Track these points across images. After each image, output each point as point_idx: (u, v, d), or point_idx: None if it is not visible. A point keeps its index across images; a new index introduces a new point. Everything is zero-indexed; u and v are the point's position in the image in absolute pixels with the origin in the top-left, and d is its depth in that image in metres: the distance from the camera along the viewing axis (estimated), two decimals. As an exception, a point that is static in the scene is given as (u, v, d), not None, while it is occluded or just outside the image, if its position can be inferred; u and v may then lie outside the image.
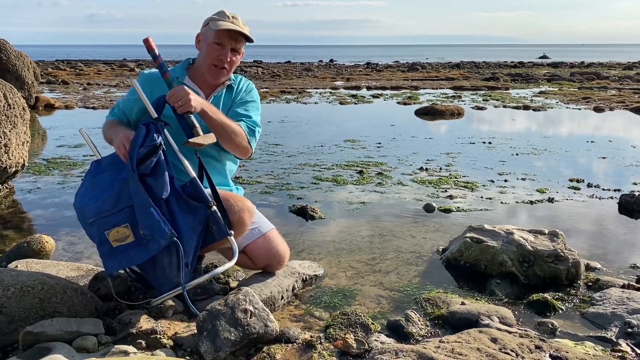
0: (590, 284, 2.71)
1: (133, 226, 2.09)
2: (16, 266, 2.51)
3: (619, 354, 2.01)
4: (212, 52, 2.39)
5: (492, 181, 4.92)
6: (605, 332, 2.22)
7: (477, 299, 2.53)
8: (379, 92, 15.31)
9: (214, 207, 2.17)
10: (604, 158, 6.05)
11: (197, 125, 2.24)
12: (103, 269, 2.31)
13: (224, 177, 2.57)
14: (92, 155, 2.50)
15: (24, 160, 4.37)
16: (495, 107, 11.55)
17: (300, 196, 4.38)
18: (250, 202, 2.38)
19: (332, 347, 2.06)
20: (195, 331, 2.01)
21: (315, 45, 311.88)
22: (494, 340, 1.94)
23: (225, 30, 2.36)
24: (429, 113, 10.00)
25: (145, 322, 2.09)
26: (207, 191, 2.25)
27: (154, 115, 2.24)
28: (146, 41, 2.32)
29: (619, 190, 4.57)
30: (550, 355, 1.86)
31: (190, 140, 2.21)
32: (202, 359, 1.94)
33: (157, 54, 2.33)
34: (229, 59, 2.41)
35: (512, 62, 40.83)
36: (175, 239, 2.06)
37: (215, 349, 1.93)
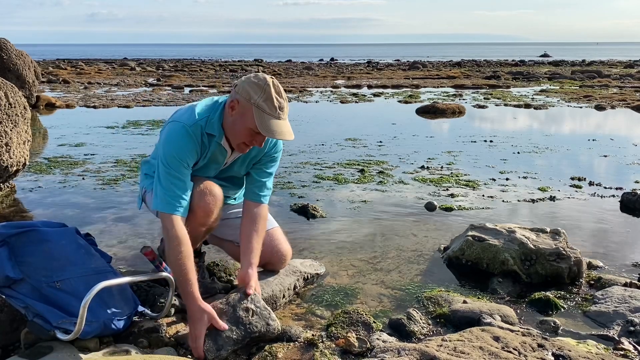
0: (592, 282, 2.71)
1: None
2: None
3: (622, 353, 2.01)
4: (248, 136, 2.17)
5: (494, 179, 4.91)
6: (608, 330, 2.22)
7: (479, 298, 2.53)
8: (380, 90, 15.28)
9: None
10: (605, 156, 6.04)
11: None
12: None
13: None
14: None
15: (25, 159, 4.38)
16: (496, 105, 11.53)
17: (301, 195, 4.37)
18: (221, 191, 2.23)
19: (334, 345, 2.05)
20: (197, 330, 2.01)
21: (316, 44, 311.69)
22: (497, 338, 1.94)
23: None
24: (430, 111, 9.99)
25: (147, 321, 2.09)
26: None
27: None
28: (149, 254, 2.05)
29: (620, 188, 4.57)
30: (553, 354, 1.86)
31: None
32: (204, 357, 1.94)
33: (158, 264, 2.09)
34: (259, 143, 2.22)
35: (513, 60, 40.78)
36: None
37: (217, 348, 1.93)
